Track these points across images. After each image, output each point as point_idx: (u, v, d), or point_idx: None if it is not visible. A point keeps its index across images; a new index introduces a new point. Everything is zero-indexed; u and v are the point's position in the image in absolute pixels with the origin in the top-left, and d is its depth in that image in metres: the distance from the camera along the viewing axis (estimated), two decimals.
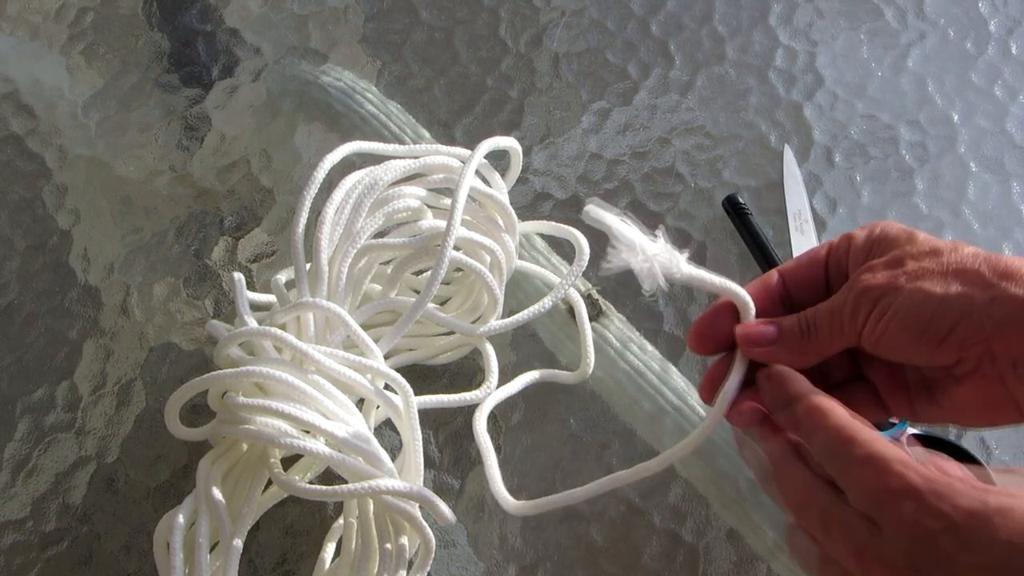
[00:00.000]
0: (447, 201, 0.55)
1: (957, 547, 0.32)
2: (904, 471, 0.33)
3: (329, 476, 0.51)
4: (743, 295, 0.41)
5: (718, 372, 0.42)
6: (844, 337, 0.40)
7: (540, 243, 0.61)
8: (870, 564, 0.34)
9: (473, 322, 0.55)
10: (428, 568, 0.48)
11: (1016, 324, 0.36)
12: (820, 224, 0.61)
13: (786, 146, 0.63)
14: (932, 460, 0.35)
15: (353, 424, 0.49)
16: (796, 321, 0.41)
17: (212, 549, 0.48)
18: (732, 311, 0.42)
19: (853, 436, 0.35)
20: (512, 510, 0.47)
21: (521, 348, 0.57)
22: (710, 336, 0.43)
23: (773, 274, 0.43)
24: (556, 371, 0.56)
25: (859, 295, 0.39)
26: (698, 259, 0.60)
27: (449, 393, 0.54)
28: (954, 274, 0.38)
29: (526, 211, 0.62)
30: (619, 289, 0.59)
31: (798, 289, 0.43)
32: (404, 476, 0.50)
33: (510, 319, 0.55)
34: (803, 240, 0.58)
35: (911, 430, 0.50)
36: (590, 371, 0.56)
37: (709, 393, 0.42)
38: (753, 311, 0.41)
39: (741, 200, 0.60)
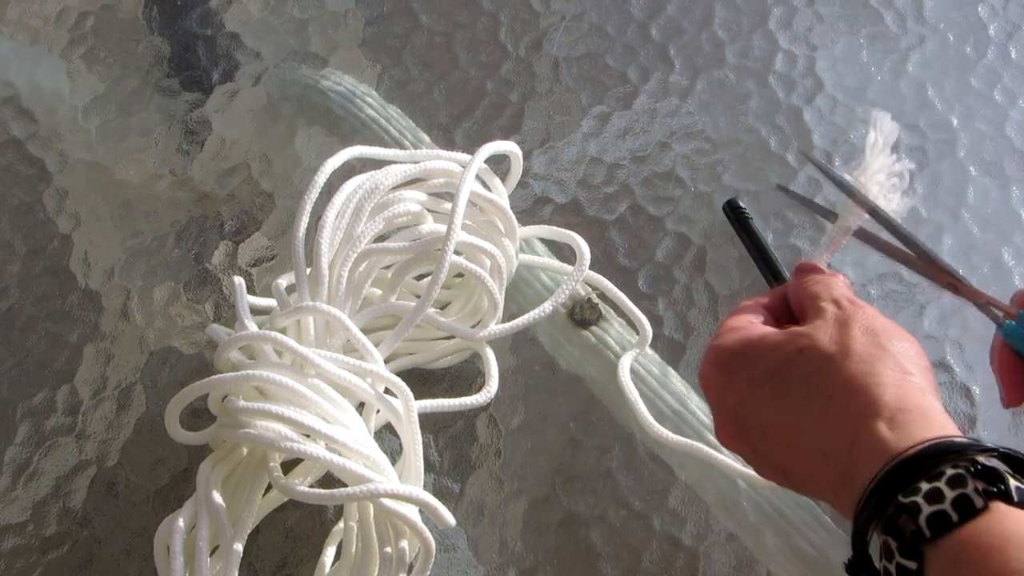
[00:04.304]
0: (447, 205, 0.56)
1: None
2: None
3: (329, 480, 0.51)
4: None
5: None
6: None
7: (540, 247, 0.61)
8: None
9: (473, 326, 0.56)
10: (428, 572, 0.48)
11: None
12: (819, 229, 0.61)
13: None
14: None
15: (353, 428, 0.49)
16: None
17: (212, 553, 0.48)
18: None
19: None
20: None
21: (521, 352, 0.58)
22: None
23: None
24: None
25: None
26: (698, 263, 0.60)
27: (449, 397, 0.54)
28: None
29: (526, 215, 0.62)
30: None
31: None
32: (404, 480, 0.50)
33: (510, 323, 0.55)
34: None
35: None
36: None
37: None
38: None
39: (741, 204, 0.60)
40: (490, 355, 0.55)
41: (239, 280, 0.55)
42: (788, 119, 0.65)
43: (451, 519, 0.48)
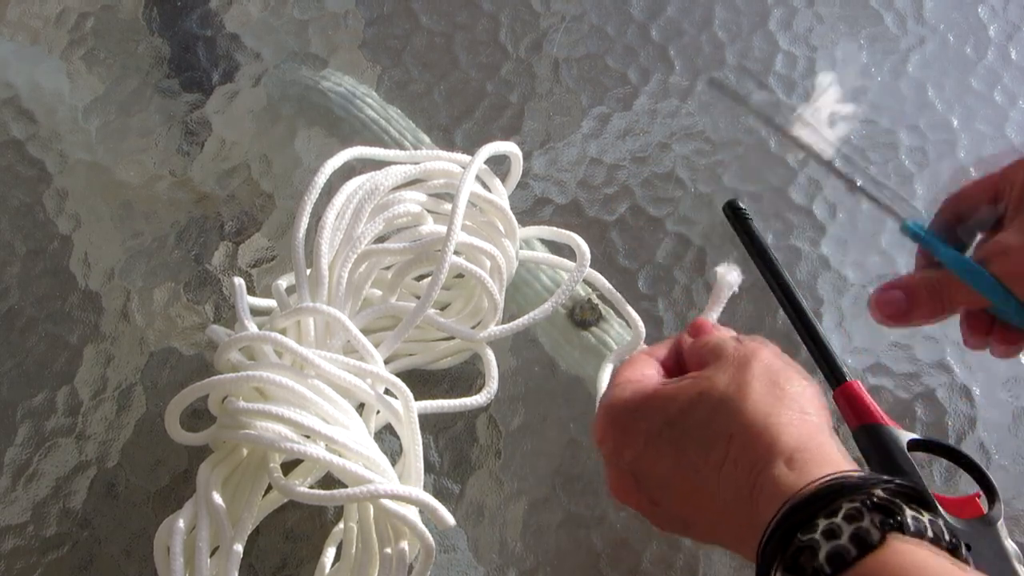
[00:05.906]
0: (447, 206, 0.56)
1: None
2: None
3: (329, 481, 0.51)
4: None
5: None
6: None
7: (540, 248, 0.61)
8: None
9: (473, 327, 0.56)
10: (428, 573, 0.48)
11: None
12: (819, 230, 0.61)
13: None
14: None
15: (353, 429, 0.49)
16: (926, 286, 0.44)
17: (212, 554, 0.48)
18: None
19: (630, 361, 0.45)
20: None
21: (521, 353, 0.58)
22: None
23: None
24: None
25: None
26: (698, 264, 0.60)
27: (449, 398, 0.54)
28: None
29: (526, 216, 0.62)
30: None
31: (969, 203, 0.46)
32: (404, 481, 0.50)
33: (510, 324, 0.55)
34: None
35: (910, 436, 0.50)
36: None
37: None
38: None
39: (742, 205, 0.60)
40: (490, 356, 0.55)
41: (239, 281, 0.55)
42: (788, 120, 0.65)
43: (451, 520, 0.48)
